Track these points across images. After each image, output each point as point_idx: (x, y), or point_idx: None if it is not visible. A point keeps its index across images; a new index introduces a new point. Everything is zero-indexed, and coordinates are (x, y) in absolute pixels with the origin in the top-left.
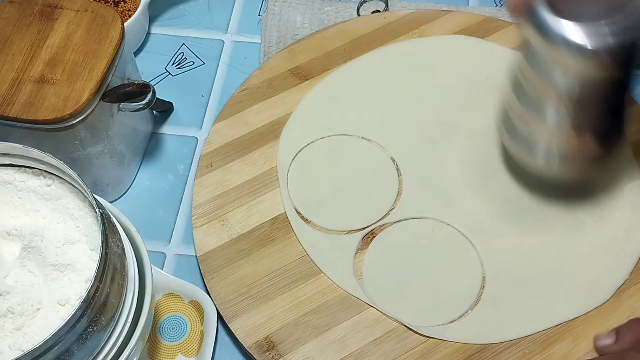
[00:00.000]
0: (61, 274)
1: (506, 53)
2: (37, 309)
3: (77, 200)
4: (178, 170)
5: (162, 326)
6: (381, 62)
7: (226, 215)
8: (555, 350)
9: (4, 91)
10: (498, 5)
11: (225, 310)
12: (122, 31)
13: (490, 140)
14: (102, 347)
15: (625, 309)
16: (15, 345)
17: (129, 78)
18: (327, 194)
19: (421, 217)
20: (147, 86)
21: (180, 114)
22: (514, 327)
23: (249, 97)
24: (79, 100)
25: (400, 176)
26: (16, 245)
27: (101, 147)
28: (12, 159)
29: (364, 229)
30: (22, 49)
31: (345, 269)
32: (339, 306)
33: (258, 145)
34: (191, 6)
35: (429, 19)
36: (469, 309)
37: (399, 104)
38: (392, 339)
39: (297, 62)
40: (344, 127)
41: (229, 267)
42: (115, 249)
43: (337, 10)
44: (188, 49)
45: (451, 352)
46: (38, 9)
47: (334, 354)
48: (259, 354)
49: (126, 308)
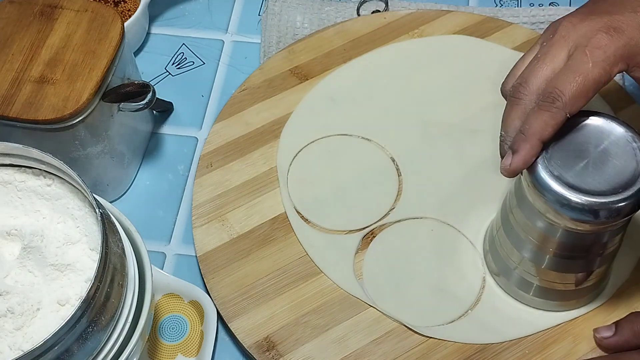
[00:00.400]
0: (61, 274)
1: (506, 53)
2: (37, 309)
3: (77, 200)
4: (178, 170)
5: (162, 326)
6: (381, 62)
7: (226, 215)
8: (555, 350)
9: (4, 91)
10: (498, 5)
11: (225, 310)
12: (122, 31)
13: (490, 140)
14: (102, 347)
15: (625, 309)
16: (15, 345)
17: (129, 78)
18: (327, 194)
19: (421, 217)
20: (147, 86)
21: (180, 114)
22: (513, 327)
23: (249, 97)
24: (79, 100)
25: (400, 176)
26: (16, 245)
27: (101, 147)
28: (12, 159)
29: (364, 229)
30: (22, 49)
31: (345, 269)
32: (339, 306)
33: (258, 145)
34: (191, 6)
35: (429, 19)
36: (469, 309)
37: (399, 104)
38: (392, 339)
39: (297, 62)
40: (344, 127)
41: (229, 267)
42: (115, 249)
43: (337, 10)
44: (188, 49)
45: (451, 352)
46: (38, 9)
47: (334, 354)
48: (259, 354)
49: (126, 308)
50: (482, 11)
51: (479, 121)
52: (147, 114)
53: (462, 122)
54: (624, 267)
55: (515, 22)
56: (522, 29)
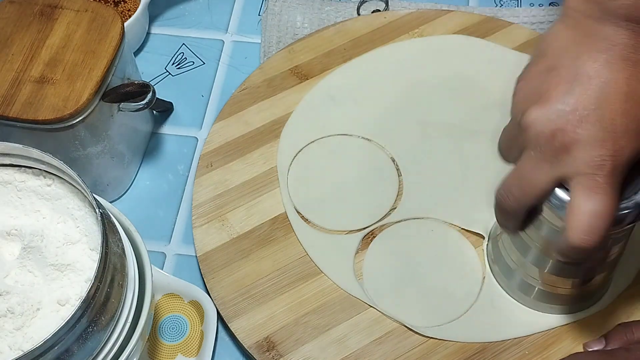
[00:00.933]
0: (61, 274)
1: (506, 53)
2: (37, 309)
3: (77, 200)
4: (178, 170)
5: (162, 326)
6: (381, 61)
7: (226, 215)
8: (555, 350)
9: (4, 91)
10: (498, 5)
11: (225, 310)
12: (122, 31)
13: (490, 140)
14: (102, 347)
15: (622, 312)
16: (15, 345)
17: (129, 78)
18: (328, 194)
19: (422, 218)
20: (147, 86)
21: (180, 114)
22: (514, 327)
23: (249, 97)
24: (79, 100)
25: (401, 176)
26: (16, 245)
27: (101, 147)
28: (12, 159)
29: (364, 229)
30: (22, 49)
31: (345, 269)
32: (339, 306)
33: (258, 145)
34: (191, 6)
35: (429, 19)
36: (469, 308)
37: (399, 103)
38: (392, 339)
39: (297, 61)
40: (344, 127)
41: (229, 267)
42: (115, 249)
43: (337, 10)
44: (188, 49)
45: (451, 353)
46: (38, 9)
47: (334, 354)
48: (259, 354)
49: (126, 308)
50: (482, 11)
51: (479, 121)
52: (147, 114)
53: (462, 122)
54: (626, 272)
55: (515, 22)
56: (522, 29)
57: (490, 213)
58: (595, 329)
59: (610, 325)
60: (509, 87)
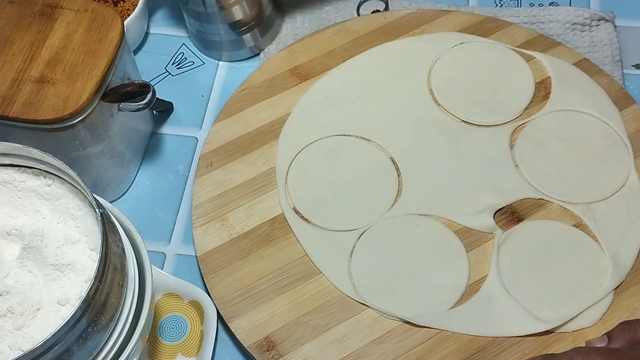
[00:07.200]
0: (61, 274)
1: (506, 53)
2: (37, 309)
3: (77, 200)
4: (178, 170)
5: (162, 326)
6: (378, 61)
7: (226, 215)
8: (555, 350)
9: (4, 91)
10: (498, 5)
11: (225, 310)
12: (122, 31)
13: (489, 139)
14: (102, 347)
15: (625, 309)
16: (15, 345)
17: (129, 78)
18: (327, 194)
19: (421, 214)
20: (147, 86)
21: (180, 114)
22: (514, 328)
23: (249, 97)
24: (79, 100)
25: (400, 176)
26: (16, 245)
27: (101, 147)
28: (12, 159)
29: (362, 229)
30: (22, 49)
31: (343, 268)
32: (339, 306)
33: (258, 145)
34: None
35: (429, 19)
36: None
37: (397, 103)
38: (392, 338)
39: (297, 62)
40: (343, 128)
41: (229, 267)
42: (115, 249)
43: (337, 10)
44: (188, 49)
45: (451, 352)
46: (38, 9)
47: (334, 354)
48: (259, 354)
49: (126, 308)
50: (482, 11)
51: (478, 120)
52: (147, 114)
53: (461, 121)
54: (622, 269)
55: (515, 22)
56: (522, 29)
57: (491, 212)
58: (595, 329)
59: (610, 323)
60: (508, 86)
